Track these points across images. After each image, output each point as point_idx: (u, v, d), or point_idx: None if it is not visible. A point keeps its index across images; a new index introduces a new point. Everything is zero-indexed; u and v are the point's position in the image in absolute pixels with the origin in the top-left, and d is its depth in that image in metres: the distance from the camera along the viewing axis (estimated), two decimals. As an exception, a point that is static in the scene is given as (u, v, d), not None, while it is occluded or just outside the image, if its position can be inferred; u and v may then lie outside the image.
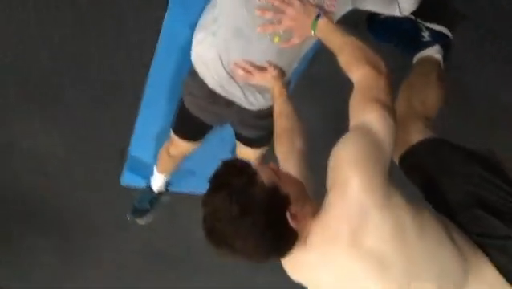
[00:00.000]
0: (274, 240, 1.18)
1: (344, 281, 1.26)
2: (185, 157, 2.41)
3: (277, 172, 1.27)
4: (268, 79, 1.71)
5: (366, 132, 1.21)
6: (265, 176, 1.20)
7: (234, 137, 2.23)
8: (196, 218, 3.42)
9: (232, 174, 1.19)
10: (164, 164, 2.51)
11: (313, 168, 1.54)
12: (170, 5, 2.00)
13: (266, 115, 1.96)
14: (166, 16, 2.02)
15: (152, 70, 2.16)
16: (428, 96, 1.68)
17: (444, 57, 1.85)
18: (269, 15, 1.52)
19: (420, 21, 1.89)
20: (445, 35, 1.88)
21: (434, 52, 1.84)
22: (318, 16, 1.48)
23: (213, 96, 1.86)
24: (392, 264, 1.18)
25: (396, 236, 1.17)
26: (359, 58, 1.34)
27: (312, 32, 1.49)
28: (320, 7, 1.52)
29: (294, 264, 1.32)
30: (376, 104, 1.23)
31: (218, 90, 1.84)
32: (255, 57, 1.66)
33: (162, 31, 2.06)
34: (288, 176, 1.30)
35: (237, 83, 1.78)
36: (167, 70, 2.19)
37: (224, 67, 1.73)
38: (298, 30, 1.52)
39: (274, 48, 1.62)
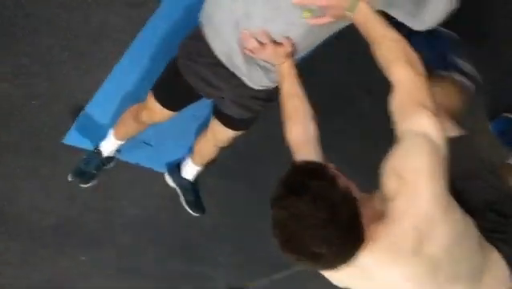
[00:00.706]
0: (353, 244, 1.16)
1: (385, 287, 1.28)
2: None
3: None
4: (280, 55, 1.59)
5: (427, 141, 1.20)
6: (340, 179, 1.17)
7: (212, 114, 2.13)
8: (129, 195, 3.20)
9: (311, 177, 1.14)
10: (125, 130, 2.34)
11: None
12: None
13: (263, 97, 1.90)
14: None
15: (146, 25, 1.99)
16: (450, 102, 1.70)
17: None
18: None
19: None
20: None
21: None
22: None
23: (215, 66, 1.77)
24: (443, 269, 1.22)
25: (452, 242, 1.21)
26: (400, 56, 1.29)
27: (350, 13, 1.38)
28: None
29: None
30: (426, 110, 1.23)
31: (223, 59, 1.74)
32: (278, 29, 1.56)
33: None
34: (346, 178, 1.25)
35: (244, 55, 1.69)
36: (163, 27, 2.04)
37: (237, 35, 1.63)
38: (333, 9, 1.41)
39: (301, 24, 1.52)
